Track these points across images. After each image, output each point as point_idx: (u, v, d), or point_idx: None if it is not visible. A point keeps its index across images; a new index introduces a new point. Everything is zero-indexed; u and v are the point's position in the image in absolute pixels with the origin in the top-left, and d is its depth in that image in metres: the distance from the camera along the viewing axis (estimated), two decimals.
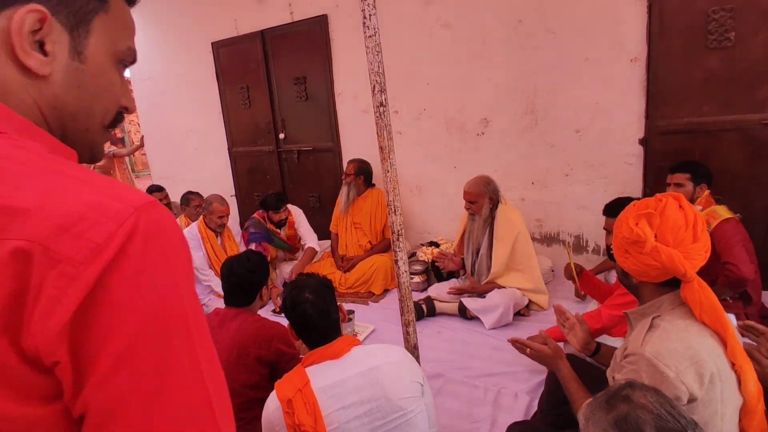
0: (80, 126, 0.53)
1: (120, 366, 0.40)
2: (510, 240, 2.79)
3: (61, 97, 0.50)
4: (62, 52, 0.48)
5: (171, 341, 0.43)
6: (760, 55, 2.61)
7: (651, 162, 3.03)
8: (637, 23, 2.88)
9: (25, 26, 0.45)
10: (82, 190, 0.42)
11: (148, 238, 0.42)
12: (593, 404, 1.02)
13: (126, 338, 0.40)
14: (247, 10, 4.38)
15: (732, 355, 1.25)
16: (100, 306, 0.39)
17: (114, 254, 0.39)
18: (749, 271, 2.26)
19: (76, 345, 0.39)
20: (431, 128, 3.71)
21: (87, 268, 0.38)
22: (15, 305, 0.38)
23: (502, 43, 3.29)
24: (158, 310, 0.42)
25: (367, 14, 1.48)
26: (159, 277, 0.42)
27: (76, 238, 0.39)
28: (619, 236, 1.35)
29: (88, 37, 0.50)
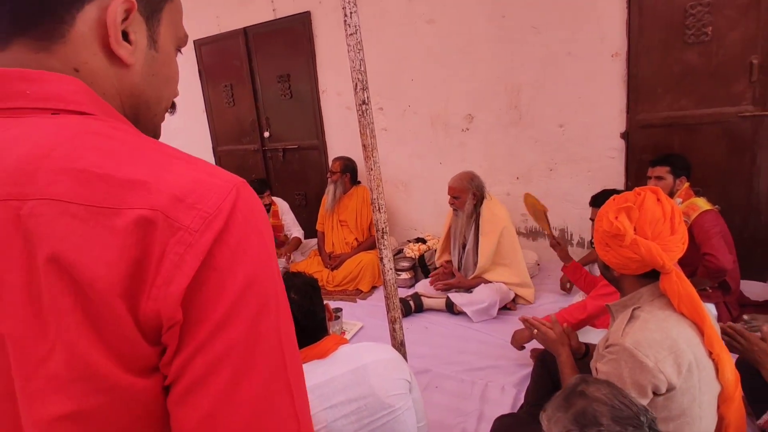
0: (151, 112, 0.55)
1: (217, 333, 0.41)
2: (495, 235, 2.81)
3: (139, 85, 0.51)
4: (142, 41, 0.50)
5: (262, 315, 0.44)
6: (736, 49, 2.66)
7: (632, 155, 3.07)
8: (617, 18, 2.92)
9: (118, 16, 0.47)
10: (184, 167, 0.44)
11: (246, 212, 0.44)
12: (553, 404, 1.07)
13: (225, 306, 0.41)
14: (229, 7, 4.34)
15: (709, 344, 1.29)
16: (208, 273, 0.41)
17: (222, 225, 0.41)
18: (728, 262, 2.31)
19: (186, 310, 0.40)
20: (416, 124, 3.72)
21: (202, 235, 0.40)
22: (137, 272, 0.39)
23: (486, 38, 3.30)
24: (254, 281, 0.43)
25: (348, 12, 1.47)
26: (255, 250, 0.44)
27: (191, 208, 0.41)
28: (599, 230, 1.37)
29: (159, 26, 0.52)
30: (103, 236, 0.39)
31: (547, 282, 3.14)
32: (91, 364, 0.39)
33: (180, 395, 0.41)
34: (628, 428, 0.95)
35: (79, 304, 0.39)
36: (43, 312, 0.39)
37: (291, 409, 0.45)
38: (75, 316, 0.39)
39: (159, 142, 0.48)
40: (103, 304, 0.39)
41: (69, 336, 0.39)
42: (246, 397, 0.42)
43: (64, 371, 0.39)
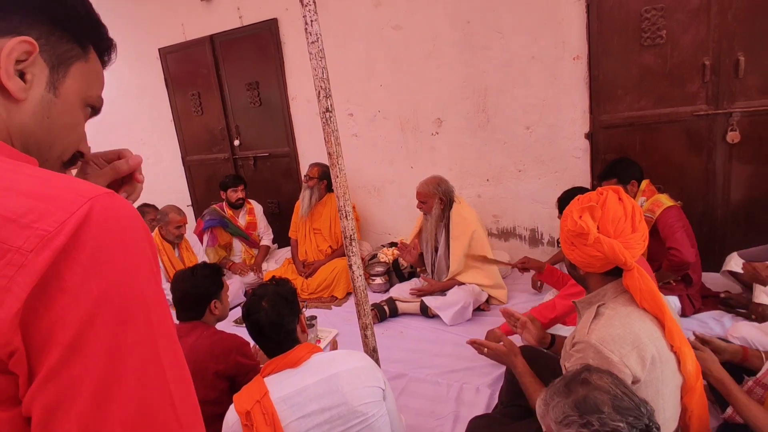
0: (40, 156, 0.54)
1: (70, 355, 0.39)
2: (466, 238, 2.84)
3: (30, 125, 0.52)
4: (40, 84, 0.52)
5: (127, 328, 0.41)
6: (689, 51, 2.77)
7: (597, 155, 3.16)
8: (577, 23, 3.00)
9: (14, 53, 0.49)
10: (33, 184, 0.42)
11: (103, 225, 0.41)
12: (552, 390, 1.06)
13: (76, 325, 0.39)
14: (194, 14, 4.28)
15: (670, 337, 1.33)
16: (52, 293, 0.38)
17: (65, 241, 0.39)
18: (690, 255, 2.39)
19: (29, 335, 0.38)
20: (386, 130, 3.73)
21: (37, 256, 0.38)
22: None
23: (452, 43, 3.35)
24: (113, 296, 0.41)
25: (308, 20, 1.47)
26: (115, 263, 0.42)
27: (24, 228, 0.39)
28: (564, 230, 1.40)
29: (66, 78, 0.55)
30: None
31: (519, 282, 3.19)
32: None
33: (40, 425, 0.39)
34: (628, 418, 0.95)
35: None
36: None
37: (173, 419, 0.44)
38: None
39: (23, 164, 0.47)
40: None
41: None
42: (118, 416, 0.40)
43: None
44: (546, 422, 1.06)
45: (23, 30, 0.50)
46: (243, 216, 3.87)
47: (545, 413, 1.05)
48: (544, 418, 1.08)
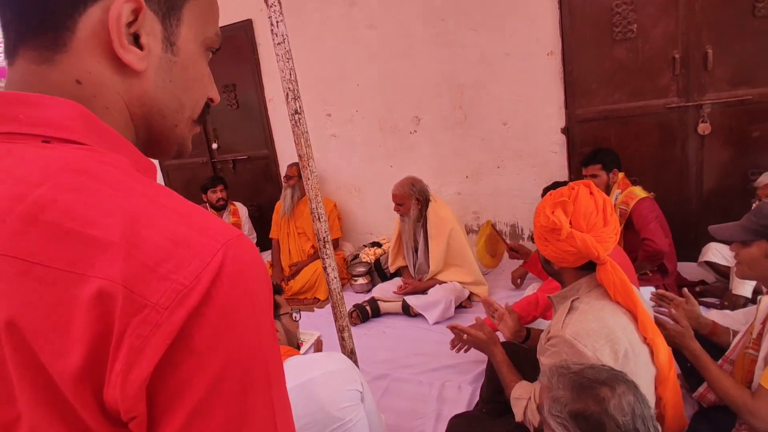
0: (168, 122, 0.49)
1: (194, 419, 0.36)
2: (443, 237, 2.85)
3: (152, 93, 0.46)
4: (156, 44, 0.45)
5: (249, 393, 0.39)
6: (660, 45, 2.81)
7: (573, 149, 3.19)
8: (550, 19, 3.02)
9: (122, 17, 0.41)
10: (168, 220, 0.38)
11: (234, 279, 0.37)
12: (562, 376, 0.99)
13: (203, 389, 0.36)
14: None
15: (643, 329, 1.34)
16: (181, 356, 0.35)
17: (200, 298, 0.35)
18: (664, 245, 2.43)
19: (153, 396, 0.35)
20: (365, 129, 3.72)
21: (172, 314, 0.34)
22: (96, 354, 0.34)
23: (427, 41, 3.35)
24: (239, 359, 0.38)
25: (274, 21, 1.45)
26: (243, 322, 0.38)
27: (162, 280, 0.34)
28: (538, 225, 1.41)
29: (180, 26, 0.46)
30: (68, 306, 0.33)
31: (500, 278, 3.20)
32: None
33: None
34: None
35: (39, 380, 0.34)
36: (8, 376, 0.35)
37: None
38: (34, 391, 0.34)
39: (152, 184, 0.42)
40: (65, 385, 0.34)
41: (30, 411, 0.35)
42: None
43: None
44: (540, 390, 1.02)
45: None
46: (227, 217, 3.85)
47: (547, 390, 1.00)
48: (541, 382, 1.03)
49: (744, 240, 1.43)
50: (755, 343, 1.45)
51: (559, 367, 1.03)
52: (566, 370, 1.01)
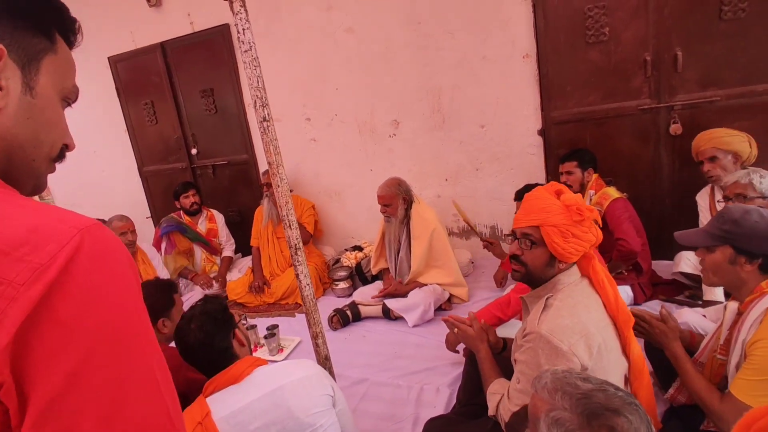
0: (27, 156, 0.54)
1: (73, 384, 0.40)
2: (426, 238, 2.86)
3: (12, 128, 0.51)
4: (15, 87, 0.51)
5: (124, 356, 0.43)
6: (631, 47, 2.86)
7: (550, 150, 3.22)
8: (525, 22, 3.05)
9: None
10: (24, 215, 0.43)
11: (93, 257, 0.42)
12: (567, 395, 0.91)
13: (77, 356, 0.40)
14: (143, 21, 4.16)
15: (624, 322, 1.39)
16: (45, 325, 0.39)
17: (57, 274, 0.40)
18: (637, 244, 2.47)
19: (20, 366, 0.38)
20: (344, 133, 3.72)
21: (28, 289, 0.39)
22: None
23: (405, 45, 3.36)
24: (109, 326, 0.42)
25: (240, 29, 1.45)
26: (107, 294, 0.43)
27: (17, 261, 0.39)
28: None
29: (38, 75, 0.53)
30: None
31: (481, 279, 3.22)
32: None
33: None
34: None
35: None
36: None
37: (171, 428, 0.46)
38: None
39: (7, 191, 0.47)
40: None
41: None
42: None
43: None
44: (535, 400, 0.96)
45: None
46: (203, 222, 3.82)
47: (544, 405, 0.93)
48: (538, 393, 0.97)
49: (708, 246, 1.43)
50: (723, 348, 1.47)
51: (563, 382, 0.94)
52: (572, 389, 0.91)
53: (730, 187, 2.06)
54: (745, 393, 1.28)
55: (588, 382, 0.95)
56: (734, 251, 1.36)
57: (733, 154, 2.41)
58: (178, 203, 3.77)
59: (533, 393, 1.00)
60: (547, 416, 0.91)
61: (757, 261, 1.34)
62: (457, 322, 1.79)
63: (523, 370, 1.36)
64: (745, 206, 1.44)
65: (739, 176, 2.04)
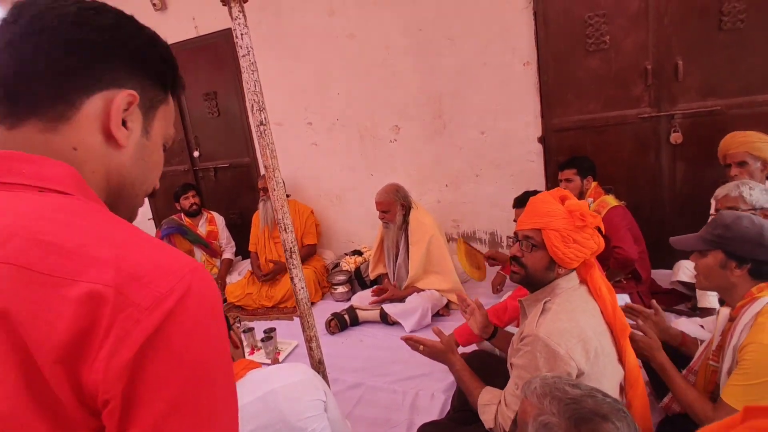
0: (134, 192, 0.62)
1: (174, 410, 0.44)
2: (424, 244, 2.86)
3: (128, 165, 0.59)
4: (137, 129, 0.59)
5: (216, 390, 0.48)
6: (632, 55, 2.86)
7: (550, 158, 3.23)
8: (525, 30, 3.07)
9: (121, 105, 0.55)
10: (146, 249, 0.48)
11: (199, 294, 0.47)
12: (556, 399, 0.92)
13: (180, 384, 0.44)
14: (149, 24, 4.10)
15: (620, 329, 1.39)
16: (160, 351, 0.43)
17: (173, 305, 0.44)
18: (633, 252, 2.47)
19: (131, 386, 0.42)
20: (345, 138, 3.74)
21: (150, 314, 0.43)
22: (80, 341, 0.42)
23: (406, 51, 3.38)
24: (207, 361, 0.47)
25: (238, 33, 1.47)
26: (209, 329, 0.48)
27: (144, 287, 0.44)
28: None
29: (154, 120, 0.61)
30: (54, 303, 0.42)
31: (479, 285, 3.21)
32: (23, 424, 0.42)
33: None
34: None
35: (18, 362, 0.41)
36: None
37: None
38: (13, 372, 0.41)
39: (131, 225, 0.52)
40: (43, 366, 0.41)
41: (10, 393, 0.41)
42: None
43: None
44: (524, 405, 0.97)
45: (124, 82, 0.56)
46: (203, 224, 3.85)
47: (533, 409, 0.94)
48: (527, 397, 0.97)
49: (701, 250, 1.45)
50: (715, 354, 1.47)
51: (553, 387, 0.95)
52: (561, 394, 0.92)
53: (721, 200, 2.05)
54: (737, 399, 1.28)
55: (577, 388, 0.95)
56: (725, 256, 1.38)
57: (762, 161, 2.27)
58: (178, 205, 3.81)
59: (523, 398, 1.01)
60: (535, 421, 0.92)
61: (746, 266, 1.35)
62: (421, 339, 1.71)
63: (521, 374, 1.35)
64: (737, 213, 1.46)
65: (729, 189, 2.03)
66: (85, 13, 0.55)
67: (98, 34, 0.55)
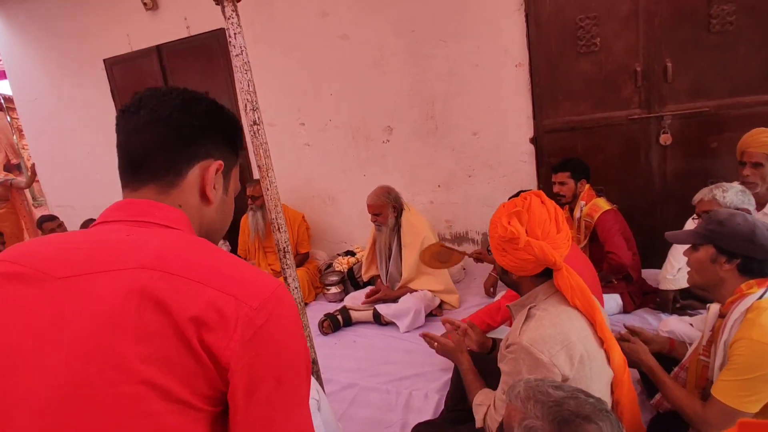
0: (216, 236, 0.81)
1: (279, 384, 0.61)
2: (417, 245, 2.86)
3: (214, 216, 0.78)
4: (220, 189, 0.78)
5: (302, 371, 0.65)
6: (622, 58, 2.90)
7: (542, 159, 3.25)
8: (517, 31, 3.09)
9: (213, 173, 0.75)
10: (245, 267, 0.66)
11: (289, 302, 0.65)
12: (539, 403, 0.93)
13: (283, 367, 0.62)
14: (140, 24, 4.17)
15: (601, 331, 1.38)
16: (266, 339, 0.60)
17: (273, 307, 0.62)
18: (627, 258, 2.49)
19: (250, 364, 0.59)
20: (338, 138, 3.74)
21: (258, 313, 0.60)
22: (208, 321, 0.58)
23: (399, 52, 3.39)
24: (297, 348, 0.65)
25: (231, 33, 1.46)
26: (297, 330, 0.66)
27: (253, 294, 0.61)
28: (495, 237, 1.43)
29: (230, 180, 0.80)
30: (192, 295, 0.59)
31: (472, 286, 3.23)
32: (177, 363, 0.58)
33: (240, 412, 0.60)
34: None
35: (172, 326, 0.57)
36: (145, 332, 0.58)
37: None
38: (170, 332, 0.57)
39: (227, 252, 0.72)
40: (182, 324, 0.57)
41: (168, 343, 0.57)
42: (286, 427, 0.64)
43: None
44: (509, 409, 0.99)
45: (214, 152, 0.75)
46: None
47: (518, 413, 0.96)
48: (512, 402, 0.99)
49: (694, 244, 1.48)
50: (705, 350, 1.49)
51: (536, 390, 0.97)
52: (544, 397, 0.94)
53: (698, 205, 2.08)
54: (728, 395, 1.30)
55: (560, 390, 0.97)
56: (716, 250, 1.40)
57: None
58: None
59: (507, 402, 1.02)
60: (520, 425, 0.93)
61: (736, 261, 1.38)
62: (436, 337, 1.81)
63: (507, 381, 1.36)
64: (731, 210, 1.48)
65: (704, 194, 2.04)
66: (188, 103, 0.73)
67: (197, 119, 0.73)
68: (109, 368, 0.55)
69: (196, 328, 0.57)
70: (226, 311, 0.58)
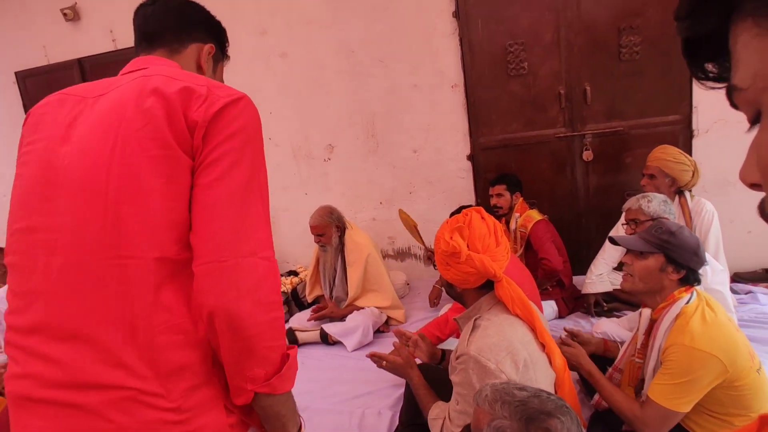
0: None
1: (228, 139, 0.81)
2: (361, 263, 2.87)
3: None
4: (210, 69, 1.10)
5: (260, 156, 0.87)
6: (548, 81, 3.13)
7: (478, 174, 3.41)
8: (452, 54, 3.25)
9: (207, 50, 1.07)
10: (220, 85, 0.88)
11: (252, 106, 0.86)
12: (506, 404, 0.98)
13: (232, 130, 0.81)
14: (58, 36, 3.90)
15: (541, 336, 1.45)
16: (227, 117, 0.81)
17: (239, 98, 0.84)
18: (558, 263, 2.66)
19: (212, 126, 0.80)
20: (279, 157, 3.68)
21: (226, 98, 0.82)
22: (188, 97, 0.81)
23: (339, 71, 3.43)
24: (257, 135, 0.86)
25: None
26: (257, 123, 0.87)
27: (220, 89, 0.84)
28: (439, 251, 1.47)
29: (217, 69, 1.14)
30: (176, 89, 0.81)
31: (416, 300, 3.28)
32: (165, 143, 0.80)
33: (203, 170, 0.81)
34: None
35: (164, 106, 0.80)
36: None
37: (263, 213, 0.84)
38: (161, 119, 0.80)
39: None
40: (170, 96, 0.80)
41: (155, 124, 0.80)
42: (236, 181, 0.81)
43: None
44: (477, 413, 1.01)
45: (207, 40, 1.04)
46: None
47: (486, 416, 0.99)
48: (479, 405, 1.02)
49: (642, 251, 1.53)
50: (640, 352, 1.61)
51: (502, 392, 1.01)
52: (510, 398, 0.99)
53: (627, 213, 2.26)
54: (663, 397, 1.39)
55: (524, 391, 1.02)
56: (666, 260, 1.48)
57: (671, 179, 2.46)
58: None
59: (475, 407, 1.05)
60: (489, 426, 0.97)
61: (682, 271, 1.47)
62: (384, 356, 1.80)
63: (460, 391, 1.40)
64: (678, 223, 1.59)
65: (632, 203, 2.23)
66: (191, 3, 1.04)
67: (197, 14, 1.04)
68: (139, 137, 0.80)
69: (182, 101, 0.80)
70: (200, 91, 0.81)
